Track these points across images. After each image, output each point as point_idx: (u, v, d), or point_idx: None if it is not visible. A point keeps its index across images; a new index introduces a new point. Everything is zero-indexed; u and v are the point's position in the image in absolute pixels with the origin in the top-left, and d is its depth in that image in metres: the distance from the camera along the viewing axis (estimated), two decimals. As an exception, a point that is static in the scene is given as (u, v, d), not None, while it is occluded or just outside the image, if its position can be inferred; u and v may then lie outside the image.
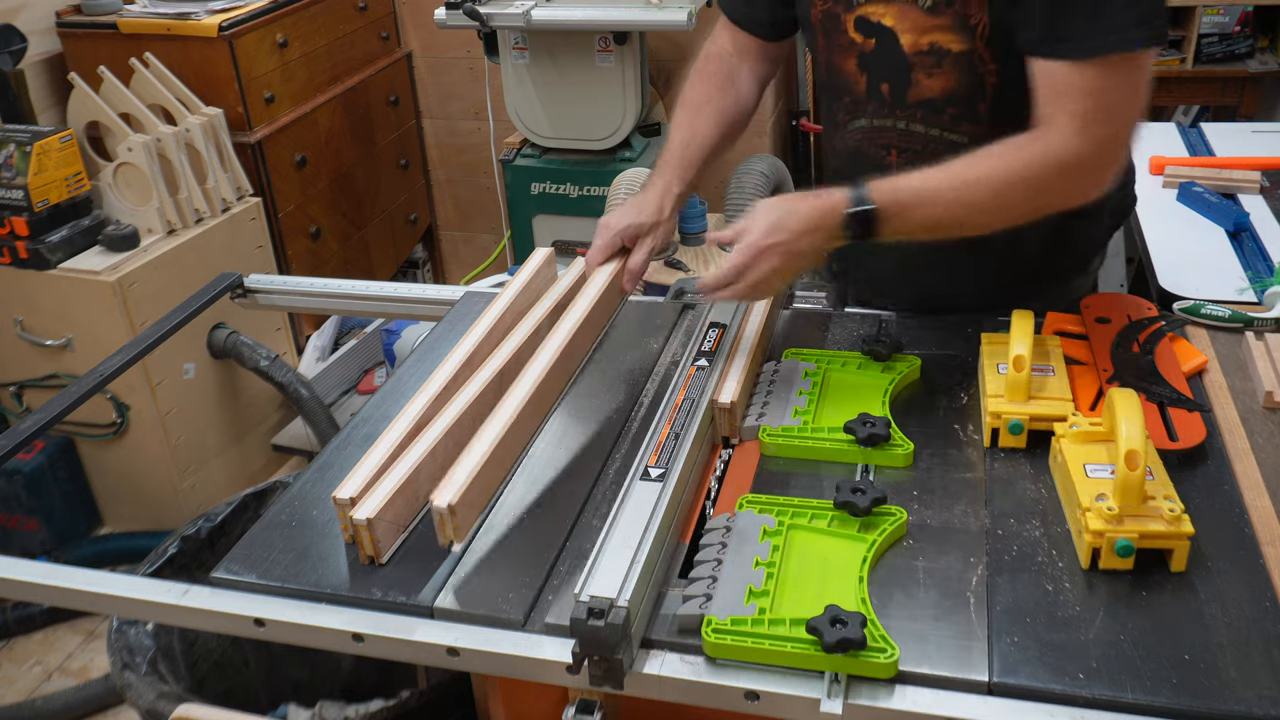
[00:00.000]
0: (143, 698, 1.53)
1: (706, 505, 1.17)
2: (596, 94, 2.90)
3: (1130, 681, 0.91)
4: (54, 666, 2.42)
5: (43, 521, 2.62)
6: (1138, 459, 1.02)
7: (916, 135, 1.37)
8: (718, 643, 0.95)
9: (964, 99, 1.32)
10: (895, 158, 1.40)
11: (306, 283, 1.82)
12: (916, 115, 1.36)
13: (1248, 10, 3.53)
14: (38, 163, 2.40)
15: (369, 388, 3.12)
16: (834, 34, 1.38)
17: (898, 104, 1.37)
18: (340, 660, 1.89)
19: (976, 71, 1.29)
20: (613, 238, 1.45)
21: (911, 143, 1.38)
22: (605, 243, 1.45)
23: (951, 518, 1.11)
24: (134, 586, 1.13)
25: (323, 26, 3.15)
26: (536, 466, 1.24)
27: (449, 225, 3.90)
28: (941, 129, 1.35)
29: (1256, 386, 1.29)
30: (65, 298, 2.47)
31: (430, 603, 1.04)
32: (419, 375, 1.38)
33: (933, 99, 1.33)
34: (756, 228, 1.23)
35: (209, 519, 1.85)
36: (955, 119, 1.34)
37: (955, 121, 1.34)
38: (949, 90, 1.32)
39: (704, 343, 1.35)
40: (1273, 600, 0.99)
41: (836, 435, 1.21)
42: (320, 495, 1.20)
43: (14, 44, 2.59)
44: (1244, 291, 1.57)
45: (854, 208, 1.20)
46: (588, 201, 2.99)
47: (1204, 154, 2.12)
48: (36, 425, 1.41)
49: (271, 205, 2.94)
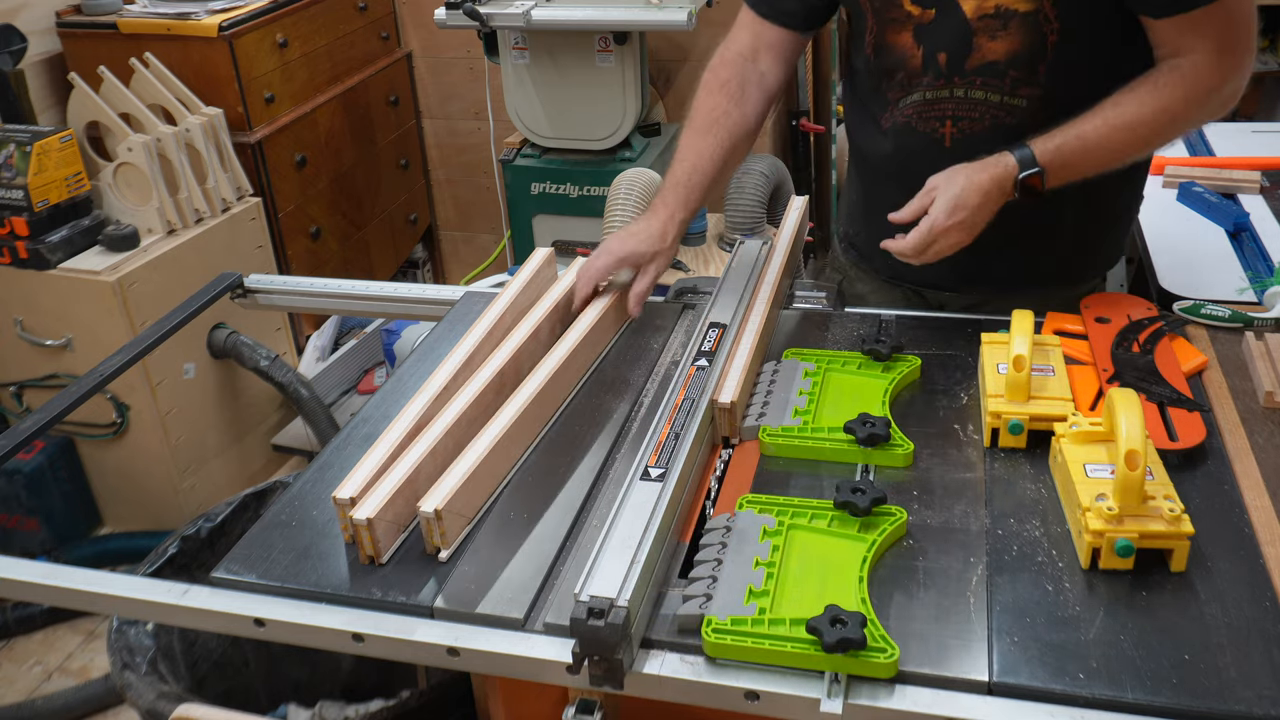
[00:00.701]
0: (143, 698, 1.53)
1: (706, 505, 1.17)
2: (596, 94, 2.90)
3: (1130, 681, 0.91)
4: (54, 666, 2.42)
5: (43, 521, 2.62)
6: (1138, 459, 1.02)
7: (975, 102, 1.39)
8: (718, 643, 0.95)
9: (1026, 61, 1.35)
10: (950, 128, 1.42)
11: (306, 283, 1.82)
12: (976, 82, 1.38)
13: (1248, 10, 3.53)
14: (38, 163, 2.40)
15: (369, 388, 3.12)
16: (887, 10, 1.41)
17: (955, 72, 1.38)
18: (340, 660, 1.89)
19: (1041, 31, 1.33)
20: (614, 263, 1.47)
21: (970, 111, 1.40)
22: (604, 266, 1.47)
23: (951, 518, 1.11)
24: (134, 586, 1.13)
25: (323, 26, 3.15)
26: (536, 467, 1.24)
27: (449, 225, 3.90)
28: (1002, 94, 1.38)
29: (1256, 386, 1.29)
30: (65, 298, 2.47)
31: (430, 603, 1.04)
32: (419, 375, 1.38)
33: (996, 62, 1.36)
34: (940, 208, 1.29)
35: (209, 519, 1.85)
36: (1016, 82, 1.37)
37: (1015, 85, 1.37)
38: (1013, 52, 1.35)
39: (704, 343, 1.35)
40: (1273, 600, 0.99)
41: (836, 435, 1.21)
42: (320, 495, 1.20)
43: (14, 44, 2.59)
44: (1244, 291, 1.57)
45: (1025, 171, 1.29)
46: (588, 201, 2.99)
47: (1204, 154, 2.12)
48: (36, 425, 1.41)
49: (271, 205, 2.94)
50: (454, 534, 1.11)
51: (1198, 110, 1.32)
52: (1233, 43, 1.28)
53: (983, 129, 1.39)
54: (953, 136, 1.42)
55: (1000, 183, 1.30)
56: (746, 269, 1.54)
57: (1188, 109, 1.31)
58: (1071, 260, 1.52)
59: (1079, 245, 1.51)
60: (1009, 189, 1.31)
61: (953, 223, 1.29)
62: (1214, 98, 1.32)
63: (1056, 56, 1.34)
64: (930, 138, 1.44)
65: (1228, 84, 1.31)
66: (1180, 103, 1.30)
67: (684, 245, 2.76)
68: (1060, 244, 1.48)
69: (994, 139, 1.36)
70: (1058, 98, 1.35)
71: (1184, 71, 1.29)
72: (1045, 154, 1.29)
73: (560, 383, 1.33)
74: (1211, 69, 1.29)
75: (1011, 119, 1.38)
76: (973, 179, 1.30)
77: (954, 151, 1.39)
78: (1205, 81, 1.29)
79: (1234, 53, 1.29)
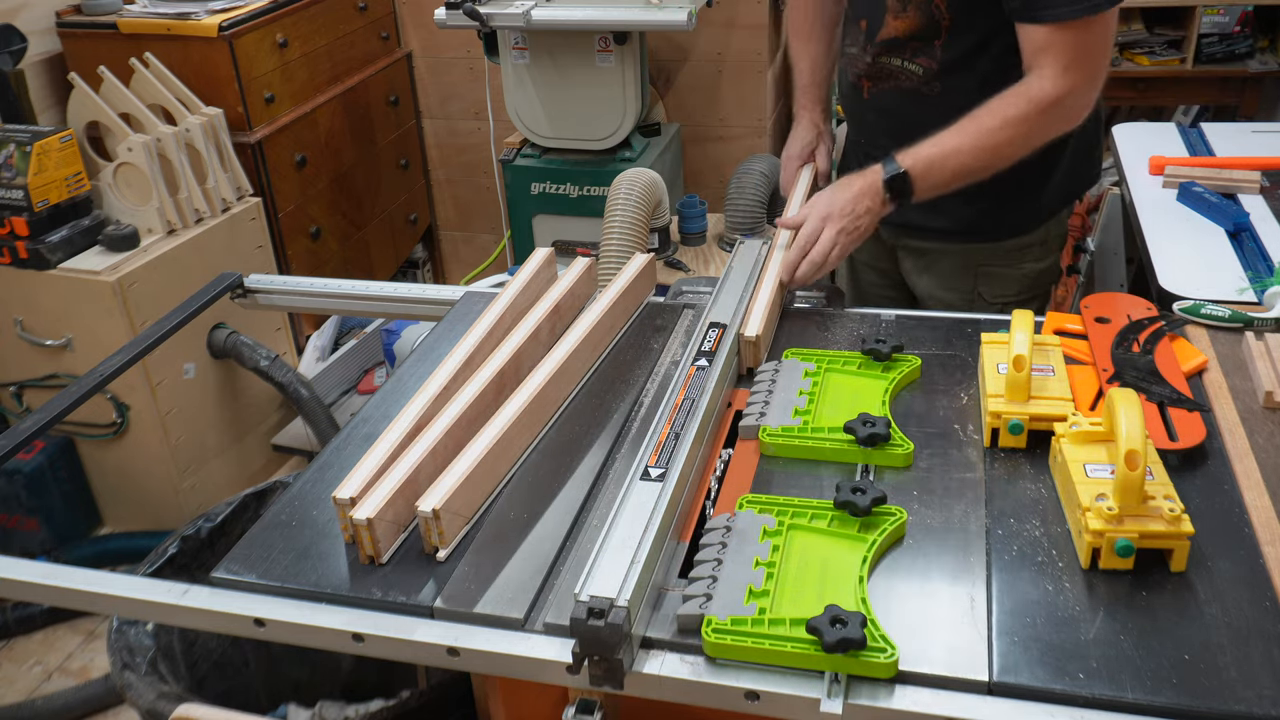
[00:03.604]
0: (143, 698, 1.53)
1: (706, 505, 1.17)
2: (596, 94, 2.90)
3: (1130, 681, 0.91)
4: (54, 666, 2.42)
5: (43, 521, 2.62)
6: (1138, 459, 1.02)
7: (882, 65, 1.63)
8: (718, 643, 0.95)
9: (922, 37, 1.57)
10: (867, 84, 1.68)
11: (306, 283, 1.82)
12: (882, 50, 1.62)
13: (1248, 10, 3.54)
14: (38, 163, 2.40)
15: (369, 388, 3.12)
16: None
17: (869, 39, 1.63)
18: (340, 660, 1.89)
19: (933, 16, 1.54)
20: (795, 163, 1.82)
21: (879, 72, 1.64)
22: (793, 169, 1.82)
23: (951, 518, 1.11)
24: (134, 586, 1.13)
25: (323, 26, 3.15)
26: (536, 466, 1.24)
27: (449, 225, 3.90)
28: (904, 60, 1.61)
29: (1256, 386, 1.29)
30: (65, 298, 2.47)
31: (430, 603, 1.04)
32: (419, 375, 1.38)
33: (898, 38, 1.59)
34: (818, 204, 1.52)
35: (209, 519, 1.85)
36: (915, 52, 1.59)
37: (914, 54, 1.59)
38: (911, 30, 1.57)
39: (704, 343, 1.35)
40: (1273, 600, 0.99)
41: (836, 435, 1.21)
42: (320, 495, 1.20)
43: (14, 44, 2.59)
44: (1244, 291, 1.56)
45: (888, 175, 1.48)
46: (588, 201, 2.99)
47: (1204, 154, 2.11)
48: (36, 425, 1.41)
49: (271, 205, 2.94)
50: (452, 534, 1.11)
51: (1041, 123, 1.46)
52: (1078, 63, 1.42)
53: (888, 88, 1.64)
54: (869, 90, 1.68)
55: (871, 187, 1.49)
56: (746, 269, 1.55)
57: (1031, 122, 1.45)
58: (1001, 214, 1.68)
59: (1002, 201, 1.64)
60: (880, 191, 1.49)
61: (830, 211, 1.49)
62: (1055, 111, 1.45)
63: (950, 37, 1.54)
64: (855, 87, 1.71)
65: (1068, 99, 1.44)
66: (1024, 116, 1.44)
67: (684, 245, 2.77)
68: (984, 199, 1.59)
69: (900, 98, 1.63)
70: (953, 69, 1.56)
71: (1030, 86, 1.44)
72: (907, 158, 1.47)
73: (560, 383, 1.33)
74: (1053, 84, 1.43)
75: (910, 82, 1.61)
76: (845, 182, 1.51)
77: (871, 102, 1.69)
78: (1047, 97, 1.43)
79: (1078, 72, 1.42)
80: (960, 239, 1.71)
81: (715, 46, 3.20)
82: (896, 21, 1.57)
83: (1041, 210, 1.71)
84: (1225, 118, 3.61)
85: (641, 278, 1.57)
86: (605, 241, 2.38)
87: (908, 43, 1.58)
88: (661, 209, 2.57)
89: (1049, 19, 1.41)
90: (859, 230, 1.50)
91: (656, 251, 2.65)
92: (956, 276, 1.76)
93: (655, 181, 2.49)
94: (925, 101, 1.60)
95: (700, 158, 3.39)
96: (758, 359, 1.37)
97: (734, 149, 3.32)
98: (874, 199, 1.49)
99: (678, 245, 2.76)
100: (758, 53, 3.18)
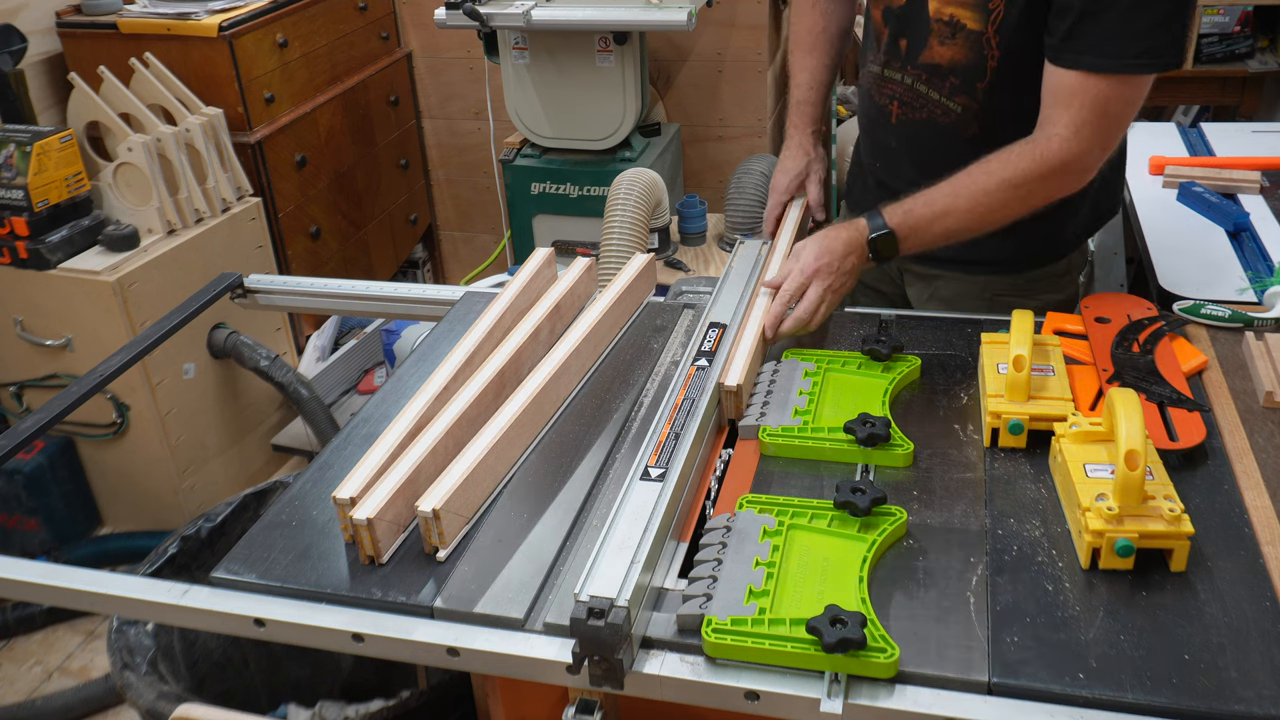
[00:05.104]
0: (143, 698, 1.53)
1: (706, 505, 1.17)
2: (596, 94, 2.90)
3: (1130, 681, 0.91)
4: (54, 666, 2.42)
5: (43, 521, 2.62)
6: (1138, 459, 1.02)
7: (918, 94, 1.50)
8: (718, 643, 0.95)
9: (965, 73, 1.44)
10: (896, 109, 1.54)
11: (306, 283, 1.82)
12: (922, 76, 1.49)
13: (1248, 10, 3.53)
14: (38, 163, 2.40)
15: (369, 388, 3.12)
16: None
17: (909, 61, 1.49)
18: (340, 660, 1.89)
19: (982, 52, 1.41)
20: (782, 198, 1.70)
21: (914, 99, 1.51)
22: (777, 200, 1.70)
23: (951, 518, 1.11)
24: (134, 586, 1.13)
25: (323, 26, 3.15)
26: (536, 466, 1.24)
27: (449, 225, 3.90)
28: (941, 95, 1.48)
29: (1256, 386, 1.29)
30: (65, 298, 2.47)
31: (430, 603, 1.04)
32: (419, 375, 1.38)
33: (940, 65, 1.46)
34: (805, 255, 1.40)
35: (209, 519, 1.85)
36: (954, 89, 1.46)
37: (954, 91, 1.47)
38: (955, 61, 1.44)
39: (704, 343, 1.35)
40: (1273, 600, 0.99)
41: (836, 435, 1.21)
42: (320, 495, 1.20)
43: (14, 44, 2.59)
44: (1244, 291, 1.56)
45: (874, 233, 1.38)
46: (588, 201, 2.99)
47: (1204, 154, 2.12)
48: (36, 425, 1.41)
49: (271, 205, 2.94)
50: (452, 534, 1.11)
51: (1041, 188, 1.35)
52: (1094, 123, 1.31)
53: (922, 119, 1.51)
54: (898, 116, 1.54)
55: (854, 242, 1.39)
56: (746, 269, 1.55)
57: (1031, 186, 1.34)
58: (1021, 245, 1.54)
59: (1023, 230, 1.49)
60: (863, 248, 1.39)
61: (818, 265, 1.38)
62: (1058, 177, 1.34)
63: (994, 79, 1.42)
64: (883, 110, 1.57)
65: (1075, 164, 1.33)
66: (1026, 176, 1.33)
67: (684, 245, 2.77)
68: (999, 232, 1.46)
69: (932, 133, 1.50)
70: (992, 116, 1.44)
71: (1035, 145, 1.33)
72: (894, 217, 1.38)
73: (560, 383, 1.33)
74: (1061, 145, 1.32)
75: (946, 119, 1.48)
76: (833, 234, 1.41)
77: (899, 130, 1.55)
78: (1053, 159, 1.32)
79: (1092, 134, 1.31)
80: (975, 269, 1.60)
81: (715, 46, 3.20)
82: (942, 48, 1.44)
83: (1067, 241, 1.60)
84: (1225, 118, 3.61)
85: (641, 278, 1.57)
86: (605, 241, 2.38)
87: (948, 75, 1.45)
88: (661, 209, 2.58)
89: (1083, 66, 1.29)
90: (845, 288, 1.42)
91: (656, 251, 2.66)
92: (966, 305, 1.63)
93: (655, 181, 2.49)
94: (960, 142, 1.46)
95: (700, 158, 3.39)
96: (739, 410, 1.29)
97: (734, 149, 3.33)
98: (859, 256, 1.40)
99: (678, 245, 2.76)
100: (758, 53, 3.18)
